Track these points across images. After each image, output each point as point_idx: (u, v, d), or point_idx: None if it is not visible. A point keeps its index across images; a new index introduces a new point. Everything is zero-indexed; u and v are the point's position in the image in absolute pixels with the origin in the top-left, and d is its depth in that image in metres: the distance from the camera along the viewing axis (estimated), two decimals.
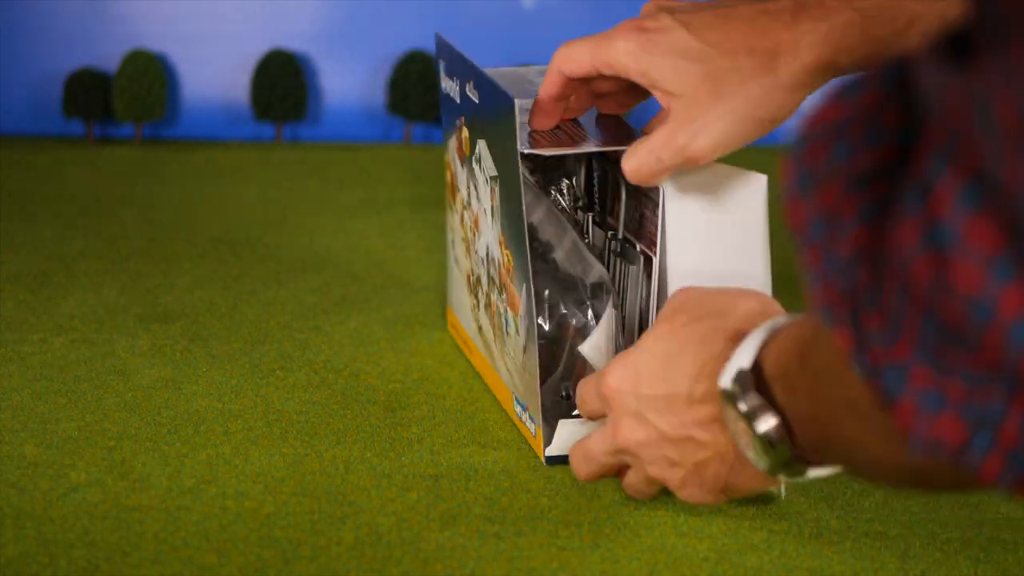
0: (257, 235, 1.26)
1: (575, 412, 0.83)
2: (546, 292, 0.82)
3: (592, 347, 0.82)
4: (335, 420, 0.88)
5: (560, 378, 0.85)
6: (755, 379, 0.59)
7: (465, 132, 0.89)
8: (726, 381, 0.61)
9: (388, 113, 1.65)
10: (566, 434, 0.81)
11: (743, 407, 0.59)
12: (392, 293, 1.12)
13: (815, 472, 0.61)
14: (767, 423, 0.58)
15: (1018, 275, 0.34)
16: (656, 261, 0.80)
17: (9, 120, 1.62)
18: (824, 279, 0.41)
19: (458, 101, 0.89)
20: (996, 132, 0.32)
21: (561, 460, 0.82)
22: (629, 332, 0.84)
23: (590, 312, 0.82)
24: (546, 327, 0.83)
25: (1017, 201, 0.33)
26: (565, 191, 0.88)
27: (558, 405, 0.84)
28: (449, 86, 0.92)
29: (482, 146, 0.85)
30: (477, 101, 0.85)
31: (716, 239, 0.78)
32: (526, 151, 0.78)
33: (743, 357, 0.60)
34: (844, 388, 0.46)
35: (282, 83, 1.62)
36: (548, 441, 0.82)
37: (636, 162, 0.76)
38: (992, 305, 0.34)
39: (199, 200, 1.37)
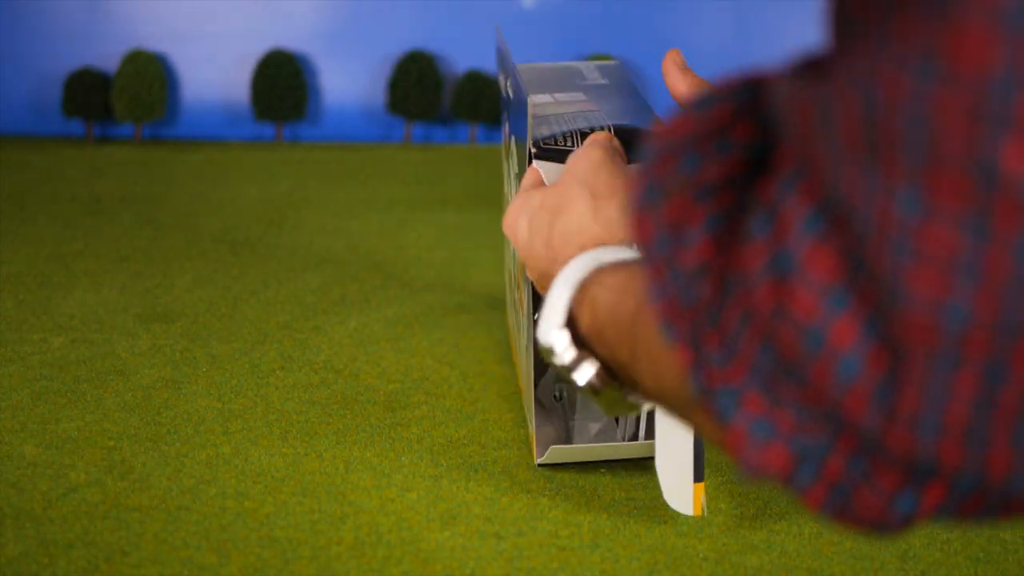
0: (257, 235, 1.26)
1: (574, 417, 0.83)
2: None
3: None
4: (335, 420, 0.88)
5: (555, 379, 0.85)
6: (571, 332, 0.59)
7: (506, 127, 0.89)
8: (544, 336, 0.61)
9: (388, 113, 1.65)
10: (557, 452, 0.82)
11: (559, 363, 0.59)
12: (392, 293, 1.12)
13: (650, 404, 0.60)
14: (586, 374, 0.59)
15: (851, 306, 0.33)
16: None
17: (9, 120, 1.62)
18: (666, 295, 0.40)
19: (505, 97, 0.90)
20: (836, 139, 0.32)
21: (553, 467, 0.82)
22: None
23: None
24: None
25: (855, 218, 0.32)
26: None
27: (552, 405, 0.84)
28: (502, 82, 0.92)
29: (513, 143, 0.85)
30: (511, 98, 0.84)
31: None
32: (534, 149, 0.77)
33: (556, 313, 0.60)
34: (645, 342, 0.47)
35: (282, 83, 1.62)
36: (540, 453, 0.82)
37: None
38: (824, 335, 0.34)
39: (199, 200, 1.37)
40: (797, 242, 0.34)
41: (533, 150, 0.76)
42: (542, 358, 0.62)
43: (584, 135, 0.78)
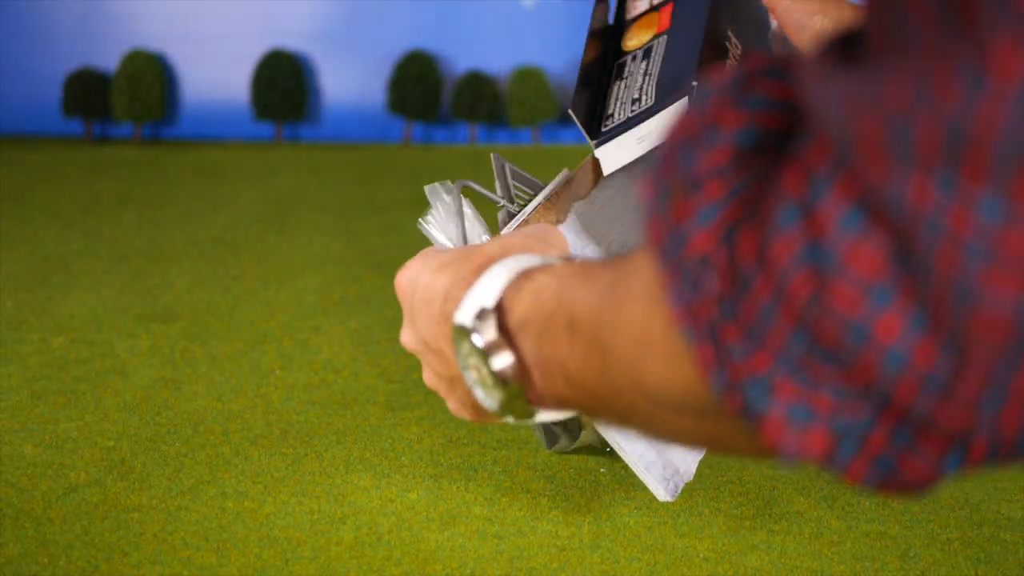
0: (257, 235, 1.26)
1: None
2: None
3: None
4: (335, 420, 0.88)
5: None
6: (497, 318, 0.58)
7: None
8: (465, 317, 0.59)
9: (388, 113, 1.65)
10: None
11: (479, 342, 0.58)
12: (392, 293, 1.12)
13: (545, 415, 0.59)
14: (504, 360, 0.57)
15: (897, 302, 0.34)
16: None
17: (8, 120, 1.62)
18: (681, 297, 0.41)
19: None
20: (911, 153, 0.32)
21: (553, 467, 0.82)
22: None
23: None
24: None
25: (916, 225, 0.33)
26: None
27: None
28: None
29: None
30: None
31: None
32: (594, 143, 0.75)
33: (485, 295, 0.58)
34: (637, 363, 0.46)
35: (282, 83, 1.62)
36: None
37: None
38: (868, 329, 0.35)
39: (199, 200, 1.37)
40: (836, 238, 0.35)
41: (593, 143, 0.74)
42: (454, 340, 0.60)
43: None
